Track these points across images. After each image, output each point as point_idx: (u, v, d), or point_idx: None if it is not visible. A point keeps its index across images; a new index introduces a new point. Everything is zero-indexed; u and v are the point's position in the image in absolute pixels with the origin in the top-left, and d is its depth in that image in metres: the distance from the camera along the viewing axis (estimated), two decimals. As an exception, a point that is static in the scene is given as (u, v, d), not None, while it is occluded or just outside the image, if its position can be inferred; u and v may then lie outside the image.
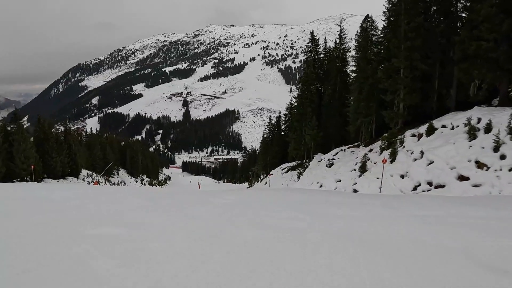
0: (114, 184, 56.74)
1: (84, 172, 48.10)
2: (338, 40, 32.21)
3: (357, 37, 25.01)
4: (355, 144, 24.83)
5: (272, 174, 31.12)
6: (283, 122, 41.90)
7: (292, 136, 29.47)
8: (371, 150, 19.70)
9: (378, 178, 14.36)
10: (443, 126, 15.19)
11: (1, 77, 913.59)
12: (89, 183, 43.17)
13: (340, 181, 18.06)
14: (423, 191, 11.63)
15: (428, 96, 19.42)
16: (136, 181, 71.76)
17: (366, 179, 15.24)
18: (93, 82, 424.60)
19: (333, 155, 24.30)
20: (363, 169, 16.66)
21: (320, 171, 22.02)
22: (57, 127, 60.84)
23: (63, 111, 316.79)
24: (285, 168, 33.22)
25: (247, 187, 52.73)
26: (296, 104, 32.88)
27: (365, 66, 22.93)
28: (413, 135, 16.11)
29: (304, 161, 29.81)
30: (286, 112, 42.67)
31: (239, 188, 37.70)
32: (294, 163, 31.85)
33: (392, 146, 16.27)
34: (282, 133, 41.93)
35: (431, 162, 12.49)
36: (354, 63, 25.54)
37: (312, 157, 27.50)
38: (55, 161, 34.89)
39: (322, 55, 35.59)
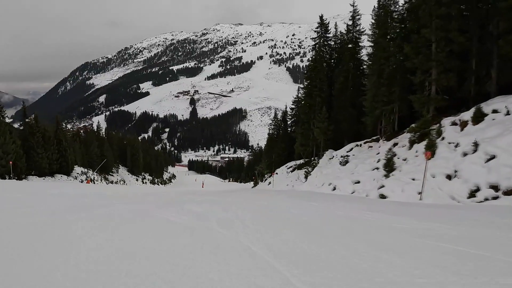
0: (111, 182, 53.99)
1: (79, 169, 45.36)
2: (350, 23, 28.67)
3: (374, 14, 21.52)
4: (373, 138, 21.35)
5: (276, 174, 27.85)
6: (290, 117, 38.53)
7: (299, 130, 26.06)
8: (395, 144, 16.27)
9: (414, 180, 10.99)
10: (495, 111, 11.76)
11: (9, 75, 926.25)
12: (81, 181, 40.40)
13: (358, 182, 14.69)
14: (486, 199, 8.26)
15: (465, 78, 15.93)
16: (137, 180, 69.02)
17: (397, 180, 11.82)
18: (101, 80, 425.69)
19: (347, 152, 20.87)
20: (389, 167, 13.23)
21: (332, 170, 18.65)
22: (64, 125, 58.67)
23: (70, 109, 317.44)
24: (290, 166, 29.87)
25: (252, 187, 49.52)
26: (303, 95, 29.53)
27: (386, 44, 19.44)
28: (454, 124, 12.68)
29: (312, 158, 26.44)
30: (293, 106, 39.32)
31: (241, 189, 34.47)
32: (301, 161, 28.48)
33: (426, 137, 12.85)
34: (289, 129, 38.59)
35: (492, 157, 9.11)
36: (370, 44, 22.00)
37: (322, 154, 24.18)
38: (41, 157, 32.04)
39: (332, 42, 32.09)
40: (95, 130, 58.15)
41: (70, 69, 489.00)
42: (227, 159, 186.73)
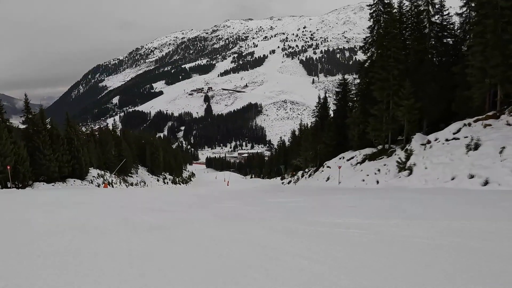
0: (131, 184, 49.18)
1: (94, 172, 40.51)
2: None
3: None
4: (488, 114, 15.41)
5: (340, 167, 22.06)
6: (336, 101, 32.57)
7: (374, 111, 20.16)
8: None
9: None
10: None
11: (23, 82, 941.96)
12: (98, 186, 35.49)
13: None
14: None
15: None
16: (158, 180, 64.24)
17: None
18: (113, 82, 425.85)
19: (454, 133, 15.01)
20: None
21: (452, 158, 12.84)
22: (79, 127, 54.26)
23: (84, 111, 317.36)
24: (351, 158, 24.02)
25: (283, 183, 43.87)
26: (370, 71, 23.61)
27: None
28: None
29: (389, 146, 20.49)
30: (338, 89, 33.35)
31: (277, 186, 28.87)
32: (368, 150, 22.60)
33: None
34: (335, 114, 32.69)
35: None
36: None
37: (406, 140, 18.35)
38: (49, 160, 27.04)
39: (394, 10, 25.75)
40: (111, 129, 53.20)
41: (82, 72, 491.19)
42: (245, 155, 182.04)
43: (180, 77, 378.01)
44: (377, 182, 16.48)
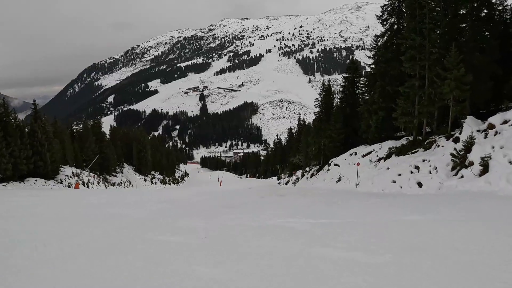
0: (113, 185, 44.43)
1: (69, 170, 35.76)
2: None
3: None
4: None
5: (358, 164, 17.33)
6: (343, 88, 28.10)
7: (404, 88, 15.44)
8: None
9: None
10: None
11: (19, 81, 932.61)
12: (69, 186, 30.77)
13: None
14: None
15: None
16: (145, 180, 59.49)
17: None
18: (109, 81, 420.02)
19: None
20: None
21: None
22: (74, 126, 49.31)
23: (79, 110, 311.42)
24: (369, 153, 19.43)
25: (281, 184, 39.35)
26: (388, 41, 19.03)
27: None
28: None
29: (424, 136, 15.77)
30: (346, 75, 28.89)
31: (278, 189, 24.36)
32: (391, 143, 17.81)
33: None
34: (343, 103, 28.17)
35: None
36: None
37: (455, 125, 13.81)
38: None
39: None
40: (90, 124, 48.18)
41: (78, 72, 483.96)
42: (241, 154, 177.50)
43: (176, 76, 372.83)
44: (419, 184, 11.94)
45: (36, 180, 26.03)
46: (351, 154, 22.68)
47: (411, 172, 13.14)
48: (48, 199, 13.70)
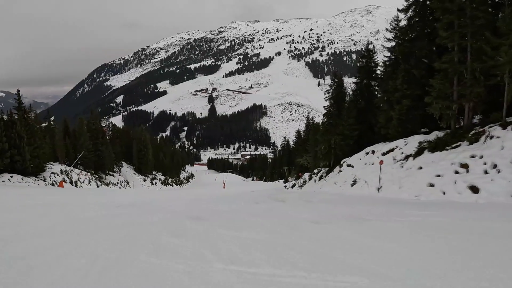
0: (108, 184, 41.69)
1: (57, 167, 33.11)
2: None
3: None
4: None
5: (382, 163, 13.99)
6: (357, 79, 24.82)
7: (441, 64, 12.00)
8: None
9: None
10: None
11: (30, 81, 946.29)
12: (53, 184, 28.00)
13: None
14: None
15: None
16: (145, 180, 56.76)
17: None
18: (118, 81, 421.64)
19: None
20: None
21: None
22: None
23: (88, 110, 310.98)
24: (392, 150, 16.09)
25: (287, 187, 36.12)
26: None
27: None
28: None
29: (469, 126, 12.29)
30: (361, 63, 25.61)
31: (282, 193, 21.21)
32: (419, 137, 14.41)
33: None
34: (356, 99, 24.85)
35: None
36: None
37: None
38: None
39: None
40: (86, 121, 45.34)
41: (87, 72, 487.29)
42: (248, 156, 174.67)
43: (185, 77, 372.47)
44: (473, 188, 8.59)
45: (11, 176, 23.24)
46: (367, 153, 19.37)
47: (456, 173, 9.87)
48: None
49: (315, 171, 29.75)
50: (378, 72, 24.29)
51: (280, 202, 11.50)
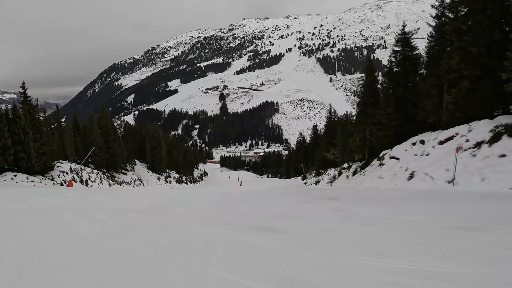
0: (120, 183, 39.82)
1: (67, 166, 31.28)
2: None
3: None
4: None
5: (458, 150, 11.42)
6: (393, 64, 22.23)
7: None
8: None
9: None
10: None
11: (41, 82, 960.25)
12: (61, 184, 26.09)
13: None
14: None
15: None
16: (159, 178, 54.93)
17: None
18: (129, 81, 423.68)
19: None
20: None
21: None
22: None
23: (99, 110, 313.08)
24: (452, 137, 13.43)
25: (308, 183, 33.64)
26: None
27: None
28: None
29: None
30: (397, 47, 22.89)
31: (310, 188, 18.81)
32: (485, 122, 12.06)
33: None
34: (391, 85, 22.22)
35: None
36: None
37: None
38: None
39: None
40: (97, 119, 43.49)
41: (98, 72, 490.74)
42: (261, 154, 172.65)
43: (196, 75, 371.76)
44: None
45: (15, 175, 21.33)
46: (413, 143, 16.81)
47: None
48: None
49: (345, 165, 27.20)
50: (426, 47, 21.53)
51: (333, 201, 9.13)
